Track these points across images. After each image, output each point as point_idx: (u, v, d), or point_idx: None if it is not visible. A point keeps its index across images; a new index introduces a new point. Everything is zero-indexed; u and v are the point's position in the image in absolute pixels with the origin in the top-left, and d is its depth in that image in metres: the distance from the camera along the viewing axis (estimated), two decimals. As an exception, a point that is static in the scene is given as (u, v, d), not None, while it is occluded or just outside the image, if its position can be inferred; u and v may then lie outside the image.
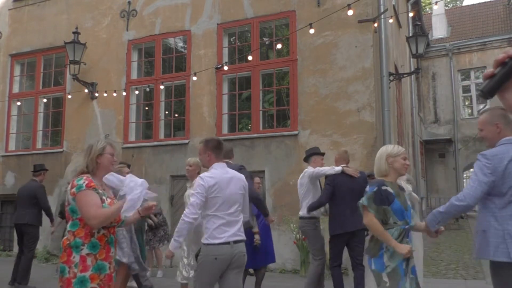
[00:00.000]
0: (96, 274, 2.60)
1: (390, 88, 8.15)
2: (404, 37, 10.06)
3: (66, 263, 2.58)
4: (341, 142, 7.48)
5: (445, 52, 17.16)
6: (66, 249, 2.61)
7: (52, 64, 10.54)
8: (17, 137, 10.76)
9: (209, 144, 3.36)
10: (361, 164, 7.29)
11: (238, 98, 9.54)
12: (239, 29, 8.93)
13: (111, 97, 9.20)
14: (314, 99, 7.77)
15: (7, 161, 10.35)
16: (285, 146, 7.87)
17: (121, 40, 9.47)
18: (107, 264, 2.67)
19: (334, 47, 7.74)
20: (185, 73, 8.93)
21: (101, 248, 2.65)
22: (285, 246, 7.57)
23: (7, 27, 10.87)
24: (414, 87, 14.03)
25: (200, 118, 8.55)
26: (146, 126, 9.78)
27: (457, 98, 17.10)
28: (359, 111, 7.44)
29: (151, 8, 9.31)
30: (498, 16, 18.15)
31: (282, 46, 8.36)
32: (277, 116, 10.10)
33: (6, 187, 10.20)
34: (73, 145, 9.63)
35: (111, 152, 2.85)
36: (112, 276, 2.72)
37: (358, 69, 7.55)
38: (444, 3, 22.68)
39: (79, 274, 2.56)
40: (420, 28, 9.64)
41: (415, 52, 8.41)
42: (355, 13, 7.21)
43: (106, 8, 9.76)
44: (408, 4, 12.63)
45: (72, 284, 2.55)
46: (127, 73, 9.35)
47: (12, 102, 10.72)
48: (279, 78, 10.43)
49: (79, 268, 2.57)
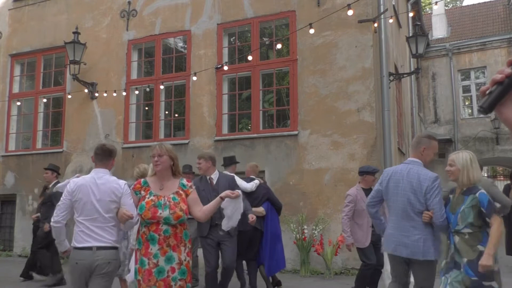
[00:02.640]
0: (140, 267, 2.93)
1: (390, 88, 8.15)
2: (404, 37, 10.06)
3: (145, 255, 2.93)
4: (341, 142, 7.48)
5: (445, 52, 17.14)
6: (144, 243, 2.96)
7: (52, 64, 10.54)
8: (17, 137, 10.75)
9: (95, 150, 3.38)
10: (361, 164, 7.28)
11: (238, 98, 9.54)
12: (239, 29, 8.92)
13: (111, 97, 9.19)
14: (314, 99, 7.77)
15: (7, 161, 10.35)
16: (285, 146, 7.87)
17: (121, 40, 9.47)
18: (146, 259, 2.91)
19: (334, 47, 7.74)
20: (185, 73, 8.93)
21: (142, 244, 2.96)
22: (285, 246, 7.52)
23: (7, 27, 10.87)
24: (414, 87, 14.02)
25: (200, 118, 8.55)
26: (146, 126, 9.78)
27: (457, 98, 17.07)
28: (359, 111, 7.44)
29: (151, 8, 9.31)
30: (498, 16, 18.14)
31: (282, 46, 8.36)
32: (277, 116, 10.11)
33: (6, 187, 10.19)
34: (73, 145, 9.63)
35: (152, 154, 3.09)
36: (151, 272, 2.90)
37: (358, 69, 7.55)
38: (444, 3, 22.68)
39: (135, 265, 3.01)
40: (420, 28, 9.64)
41: (415, 52, 8.40)
42: (355, 13, 7.21)
43: (106, 8, 9.76)
44: (408, 4, 12.62)
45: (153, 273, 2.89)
46: (127, 73, 9.34)
47: (12, 102, 10.72)
48: (279, 78, 10.43)
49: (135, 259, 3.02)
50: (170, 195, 3.02)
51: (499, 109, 1.11)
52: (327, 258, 6.95)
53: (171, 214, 2.92)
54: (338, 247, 6.94)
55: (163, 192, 3.04)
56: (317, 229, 7.21)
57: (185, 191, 3.09)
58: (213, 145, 8.33)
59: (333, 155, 7.53)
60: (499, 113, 1.11)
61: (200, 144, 8.43)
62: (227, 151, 8.08)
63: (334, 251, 6.94)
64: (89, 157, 9.36)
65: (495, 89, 1.10)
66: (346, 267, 7.24)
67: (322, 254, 6.99)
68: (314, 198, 7.54)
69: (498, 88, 1.09)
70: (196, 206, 3.09)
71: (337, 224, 7.30)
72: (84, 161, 9.39)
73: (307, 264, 7.22)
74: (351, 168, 7.30)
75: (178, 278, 2.91)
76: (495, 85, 1.10)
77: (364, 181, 5.25)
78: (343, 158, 7.44)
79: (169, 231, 2.93)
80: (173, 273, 2.90)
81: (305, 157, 7.70)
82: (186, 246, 3.02)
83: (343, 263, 7.25)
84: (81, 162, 9.43)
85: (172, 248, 2.93)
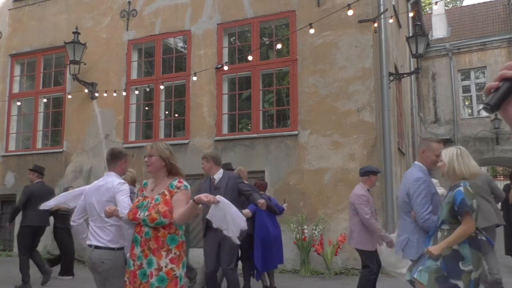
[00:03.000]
0: (127, 268, 2.90)
1: (390, 88, 8.15)
2: (404, 37, 10.05)
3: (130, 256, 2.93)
4: (341, 142, 7.48)
5: (445, 52, 17.14)
6: (131, 244, 2.96)
7: (52, 64, 10.54)
8: (17, 137, 10.75)
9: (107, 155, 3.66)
10: (361, 164, 7.28)
11: (238, 98, 9.54)
12: (239, 29, 8.92)
13: (111, 97, 9.19)
14: (314, 99, 7.77)
15: (7, 161, 10.35)
16: (285, 146, 7.87)
17: (121, 40, 9.47)
18: (131, 261, 2.85)
19: (334, 47, 7.74)
20: (185, 73, 8.93)
21: (130, 245, 2.94)
22: (285, 246, 7.54)
23: (7, 27, 10.87)
24: (414, 87, 14.02)
25: (200, 118, 8.55)
26: (146, 126, 9.78)
27: (457, 98, 17.07)
28: (359, 111, 7.44)
29: (151, 8, 9.31)
30: (498, 16, 18.14)
31: (282, 46, 8.36)
32: (277, 116, 10.11)
33: (6, 187, 10.19)
34: (73, 145, 9.63)
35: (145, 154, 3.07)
36: (136, 274, 2.79)
37: (358, 69, 7.55)
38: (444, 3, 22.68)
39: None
40: (420, 28, 9.64)
41: (415, 52, 8.40)
42: (355, 13, 7.21)
43: (106, 8, 9.76)
44: (408, 4, 12.62)
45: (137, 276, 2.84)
46: (127, 73, 9.34)
47: (12, 102, 10.72)
48: (279, 78, 10.43)
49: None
50: (155, 196, 2.86)
51: (505, 108, 1.04)
52: (327, 258, 6.96)
53: (146, 216, 2.76)
54: (338, 247, 6.95)
55: (152, 193, 2.90)
56: (317, 229, 7.21)
57: (170, 192, 2.84)
58: (213, 145, 8.33)
59: (333, 155, 7.53)
60: (505, 112, 1.04)
61: (200, 144, 8.43)
62: (227, 151, 8.09)
63: (334, 251, 6.94)
64: (89, 157, 9.39)
65: (503, 86, 1.02)
66: (346, 267, 7.24)
67: (322, 254, 7.00)
68: (314, 198, 7.54)
69: (505, 84, 1.02)
70: (177, 208, 2.76)
71: (337, 224, 7.31)
72: (84, 161, 9.39)
73: (307, 264, 7.22)
74: (351, 168, 7.30)
75: (156, 285, 2.70)
76: (503, 81, 1.02)
77: (369, 181, 5.01)
78: (343, 158, 7.44)
79: (149, 233, 2.76)
80: (151, 278, 2.71)
81: (305, 157, 7.70)
82: (171, 252, 2.75)
83: (343, 263, 7.26)
84: (81, 162, 9.43)
85: (152, 251, 2.74)
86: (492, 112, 1.05)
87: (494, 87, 1.03)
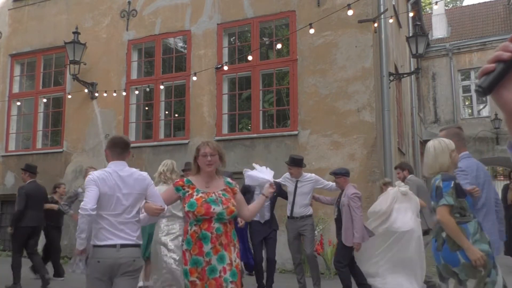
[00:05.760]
0: (193, 268, 2.81)
1: (390, 88, 8.15)
2: (404, 37, 10.05)
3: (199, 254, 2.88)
4: (341, 142, 7.48)
5: (445, 52, 17.15)
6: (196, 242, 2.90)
7: (52, 64, 10.54)
8: (17, 137, 10.75)
9: (108, 142, 3.31)
10: (361, 164, 7.29)
11: (238, 98, 9.54)
12: (239, 29, 8.92)
13: (111, 97, 9.19)
14: (314, 99, 7.77)
15: (7, 161, 10.35)
16: (285, 146, 7.86)
17: (121, 40, 9.47)
18: (201, 258, 2.80)
19: (334, 47, 7.74)
20: (185, 73, 8.93)
21: (193, 244, 2.84)
22: (285, 246, 7.55)
23: (7, 27, 10.87)
24: (414, 87, 14.02)
25: (200, 118, 8.55)
26: (146, 126, 9.78)
27: (457, 98, 17.08)
28: (359, 111, 7.44)
29: (151, 8, 9.31)
30: (498, 16, 18.14)
31: (282, 46, 8.36)
32: (277, 116, 10.10)
33: (6, 187, 10.19)
34: (73, 145, 9.63)
35: (204, 153, 3.00)
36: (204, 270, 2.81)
37: (358, 69, 7.54)
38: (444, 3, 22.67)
39: (183, 266, 2.89)
40: (420, 28, 9.64)
41: (415, 52, 8.40)
42: (355, 13, 7.20)
43: (106, 8, 9.76)
44: (408, 4, 12.62)
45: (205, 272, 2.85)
46: (127, 73, 9.34)
47: (12, 102, 10.72)
48: (279, 78, 10.43)
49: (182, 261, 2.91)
50: (219, 192, 2.96)
51: (499, 91, 0.97)
52: (327, 258, 6.96)
53: (224, 209, 2.85)
54: (338, 247, 6.94)
55: (212, 189, 2.97)
56: (317, 229, 7.19)
57: (232, 189, 3.04)
58: (213, 145, 8.32)
59: (333, 155, 7.52)
60: (498, 95, 0.98)
61: (200, 144, 8.43)
62: (227, 151, 8.06)
63: (334, 251, 6.93)
64: (89, 157, 9.37)
65: (497, 68, 0.96)
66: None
67: (322, 254, 7.00)
68: (314, 198, 7.52)
69: (500, 66, 0.96)
70: (243, 205, 3.10)
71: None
72: (84, 161, 9.38)
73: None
74: (351, 168, 7.24)
75: (230, 280, 2.79)
76: (497, 63, 0.96)
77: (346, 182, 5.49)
78: (343, 158, 7.43)
79: (221, 229, 2.84)
80: (225, 273, 2.79)
81: (305, 157, 7.66)
82: (236, 247, 2.92)
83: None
84: (81, 162, 9.42)
85: (224, 247, 2.83)
86: (484, 95, 0.99)
87: (489, 70, 0.97)
